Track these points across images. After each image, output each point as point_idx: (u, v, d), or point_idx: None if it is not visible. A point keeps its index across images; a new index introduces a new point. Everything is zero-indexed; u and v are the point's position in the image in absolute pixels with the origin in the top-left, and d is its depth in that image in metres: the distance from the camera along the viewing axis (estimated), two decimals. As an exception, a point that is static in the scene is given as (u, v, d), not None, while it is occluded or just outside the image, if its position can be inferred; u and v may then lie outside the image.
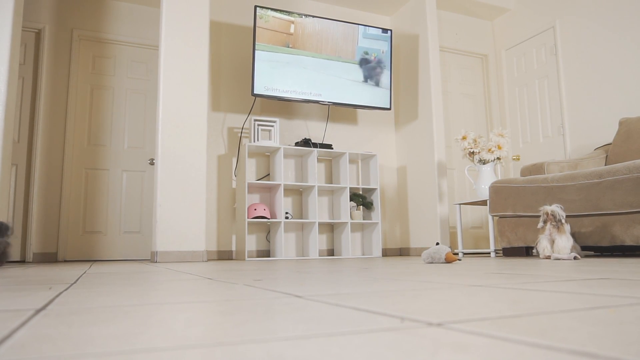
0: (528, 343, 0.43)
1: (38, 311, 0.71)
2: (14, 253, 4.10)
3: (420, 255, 4.46)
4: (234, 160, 4.54)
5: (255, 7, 4.29)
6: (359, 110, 5.14)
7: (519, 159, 5.22)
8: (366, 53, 4.72)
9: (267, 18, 4.35)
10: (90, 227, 4.37)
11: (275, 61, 4.35)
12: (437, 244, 2.55)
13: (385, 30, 4.85)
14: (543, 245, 2.74)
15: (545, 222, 2.76)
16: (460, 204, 4.24)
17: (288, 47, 4.40)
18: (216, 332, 0.52)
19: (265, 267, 2.26)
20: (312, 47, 4.52)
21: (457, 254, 4.29)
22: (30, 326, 0.57)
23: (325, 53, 4.58)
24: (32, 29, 4.38)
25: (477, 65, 5.60)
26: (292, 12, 4.48)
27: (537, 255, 3.04)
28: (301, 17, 4.51)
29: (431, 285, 1.06)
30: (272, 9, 4.40)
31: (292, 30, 4.45)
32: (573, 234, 2.89)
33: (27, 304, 0.81)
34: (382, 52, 4.80)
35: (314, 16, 4.58)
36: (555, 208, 2.75)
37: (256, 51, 4.28)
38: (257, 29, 4.30)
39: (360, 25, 4.77)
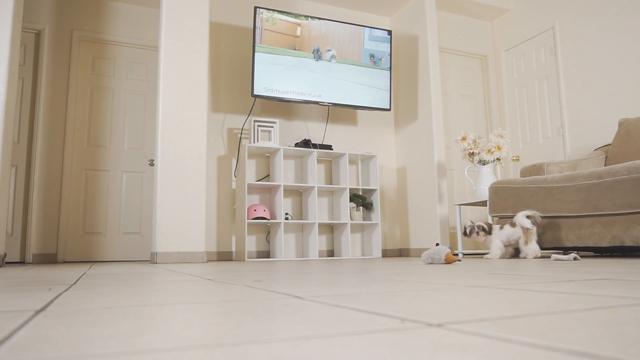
0: (528, 344, 0.43)
1: (38, 312, 0.71)
2: (14, 254, 4.10)
3: (420, 256, 4.46)
4: (234, 161, 4.54)
5: (255, 8, 4.29)
6: (359, 111, 5.15)
7: (518, 160, 5.22)
8: (372, 55, 4.74)
9: (275, 21, 4.36)
10: (90, 228, 4.37)
11: (282, 64, 4.36)
12: (437, 244, 2.55)
13: (390, 32, 4.86)
14: (534, 246, 2.98)
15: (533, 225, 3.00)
16: (460, 204, 4.24)
17: (295, 49, 4.42)
18: (216, 333, 0.52)
19: (265, 268, 2.26)
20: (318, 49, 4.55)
21: (457, 254, 4.29)
22: (30, 327, 0.57)
23: (326, 54, 4.58)
24: (31, 30, 4.38)
25: (476, 66, 5.61)
26: (299, 15, 4.49)
27: (525, 257, 3.05)
28: (307, 19, 4.52)
29: (431, 286, 1.06)
30: (278, 11, 4.41)
31: (298, 33, 4.46)
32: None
33: (27, 305, 0.81)
34: (388, 55, 4.82)
35: (320, 18, 4.59)
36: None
37: (256, 53, 4.28)
38: (263, 31, 4.31)
39: (366, 28, 4.78)
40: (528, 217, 2.99)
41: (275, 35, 4.37)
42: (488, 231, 3.14)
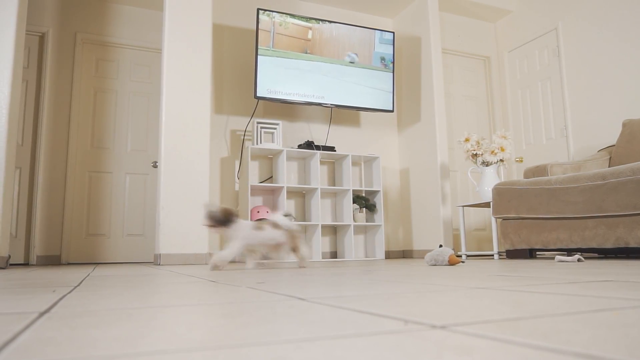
0: (532, 346, 0.42)
1: (42, 314, 0.71)
2: (18, 255, 4.11)
3: (423, 258, 4.45)
4: (237, 162, 4.54)
5: (258, 10, 4.30)
6: (362, 113, 5.15)
7: (522, 161, 5.21)
8: (383, 58, 4.76)
9: (287, 24, 4.38)
10: (94, 230, 4.38)
11: (295, 68, 4.38)
12: (440, 246, 2.55)
13: (393, 34, 4.88)
14: (306, 250, 2.56)
15: None
16: (463, 206, 4.23)
17: (306, 53, 4.45)
18: (219, 334, 0.52)
19: (268, 270, 2.26)
20: (329, 52, 4.56)
21: (461, 256, 4.28)
22: (34, 329, 0.57)
23: (342, 58, 4.61)
24: (35, 32, 4.40)
25: (479, 67, 5.60)
26: (311, 18, 4.51)
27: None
28: (319, 22, 4.54)
29: (434, 288, 1.06)
30: (290, 15, 4.43)
31: (309, 36, 4.48)
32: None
33: (31, 307, 0.81)
34: (392, 56, 4.84)
35: (331, 21, 4.60)
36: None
37: (259, 55, 4.29)
38: (275, 35, 4.33)
39: (376, 31, 4.80)
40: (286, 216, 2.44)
41: (287, 38, 4.39)
42: (222, 221, 2.23)
